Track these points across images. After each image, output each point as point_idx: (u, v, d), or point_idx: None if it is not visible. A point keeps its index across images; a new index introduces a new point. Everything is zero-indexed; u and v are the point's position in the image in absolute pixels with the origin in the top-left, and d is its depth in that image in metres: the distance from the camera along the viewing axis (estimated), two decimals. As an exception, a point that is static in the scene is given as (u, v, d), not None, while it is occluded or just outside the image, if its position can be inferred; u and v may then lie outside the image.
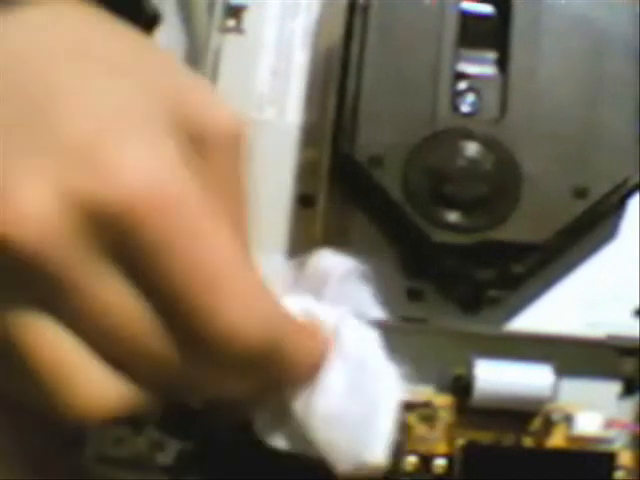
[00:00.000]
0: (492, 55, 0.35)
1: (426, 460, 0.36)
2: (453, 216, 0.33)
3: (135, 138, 0.27)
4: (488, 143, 0.33)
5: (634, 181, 0.34)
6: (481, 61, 0.35)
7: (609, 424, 0.36)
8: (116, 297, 0.27)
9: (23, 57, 0.28)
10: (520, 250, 0.34)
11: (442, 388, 0.36)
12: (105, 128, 0.27)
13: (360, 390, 0.31)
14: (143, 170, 0.26)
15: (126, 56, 0.29)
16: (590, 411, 0.36)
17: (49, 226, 0.26)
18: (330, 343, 0.31)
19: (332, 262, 0.33)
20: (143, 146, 0.27)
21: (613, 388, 0.37)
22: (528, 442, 0.36)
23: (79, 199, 0.26)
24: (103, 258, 0.27)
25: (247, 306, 0.28)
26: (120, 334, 0.27)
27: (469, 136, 0.33)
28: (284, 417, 0.32)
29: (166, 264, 0.27)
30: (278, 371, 0.29)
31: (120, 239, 0.27)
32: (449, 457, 0.36)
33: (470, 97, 0.35)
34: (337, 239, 0.36)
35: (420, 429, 0.36)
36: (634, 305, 0.36)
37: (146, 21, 0.31)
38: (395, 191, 0.33)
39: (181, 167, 0.27)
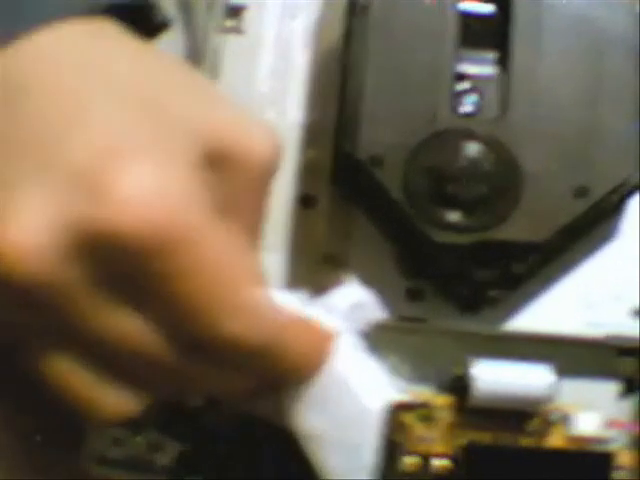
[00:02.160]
0: (493, 55, 0.35)
1: (425, 460, 0.36)
2: (453, 216, 0.33)
3: (142, 164, 0.26)
4: (489, 143, 0.33)
5: (634, 181, 0.34)
6: (482, 61, 0.35)
7: (608, 424, 0.36)
8: (120, 323, 0.27)
9: (28, 78, 0.27)
10: (520, 250, 0.34)
11: (441, 388, 0.36)
12: (109, 153, 0.26)
13: (339, 413, 0.31)
14: (148, 199, 0.26)
15: (153, 85, 0.28)
16: (589, 411, 0.36)
17: (47, 257, 0.26)
18: (331, 338, 0.31)
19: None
20: (150, 173, 0.26)
21: (612, 388, 0.37)
22: (527, 442, 0.36)
23: (78, 228, 0.26)
24: (105, 285, 0.27)
25: (250, 321, 0.28)
26: (126, 354, 0.28)
27: (470, 136, 0.33)
28: None
29: (171, 292, 0.27)
30: (278, 363, 0.29)
31: (123, 266, 0.26)
32: (448, 457, 0.36)
33: (471, 97, 0.35)
34: (338, 239, 0.36)
35: (419, 429, 0.36)
36: (634, 305, 0.36)
37: (155, 27, 0.31)
38: (396, 191, 0.33)
39: (190, 196, 0.27)
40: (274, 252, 0.36)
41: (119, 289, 0.27)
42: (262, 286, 0.29)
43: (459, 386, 0.36)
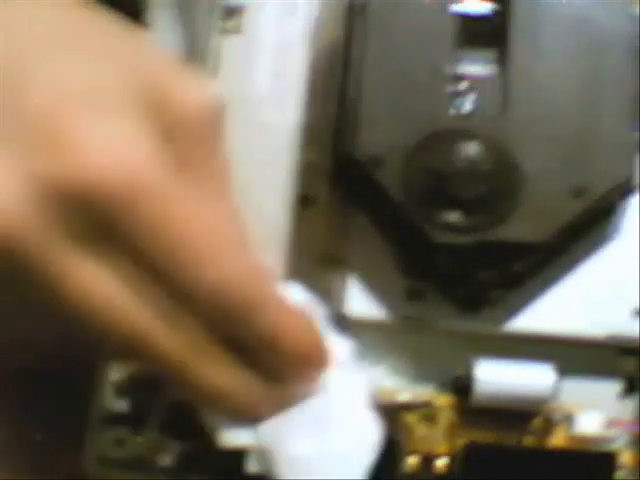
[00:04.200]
0: (492, 55, 0.35)
1: (427, 460, 0.36)
2: (453, 216, 0.33)
3: (100, 116, 0.26)
4: (488, 143, 0.33)
5: (633, 181, 0.34)
6: (481, 61, 0.35)
7: (610, 424, 0.36)
8: (93, 279, 0.27)
9: None
10: (520, 250, 0.34)
11: (443, 388, 0.36)
12: (71, 106, 0.26)
13: (331, 441, 0.31)
14: (108, 149, 0.26)
15: (97, 39, 0.28)
16: (591, 411, 0.36)
17: (19, 216, 0.25)
18: (330, 353, 0.31)
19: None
20: (108, 124, 0.26)
21: (614, 388, 0.37)
22: (529, 442, 0.36)
23: (48, 182, 0.26)
24: (81, 241, 0.27)
25: (231, 270, 0.28)
26: (102, 316, 0.27)
27: (469, 136, 0.33)
28: None
29: (146, 243, 0.27)
30: (258, 338, 0.29)
31: (95, 220, 0.26)
32: (450, 457, 0.36)
33: (470, 97, 0.35)
34: (337, 239, 0.36)
35: (421, 429, 0.36)
36: (634, 305, 0.36)
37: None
38: (395, 191, 0.33)
39: (147, 145, 0.27)
40: (273, 253, 0.36)
41: (91, 244, 0.27)
42: (241, 239, 0.29)
43: (460, 386, 0.36)
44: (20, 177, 0.26)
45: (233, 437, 0.31)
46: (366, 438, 0.32)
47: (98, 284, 0.27)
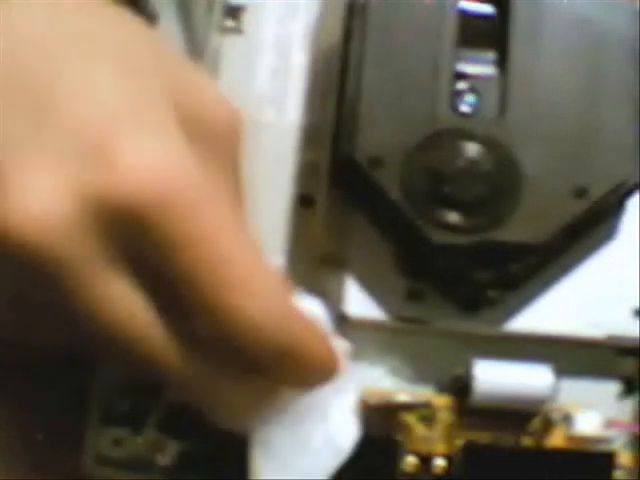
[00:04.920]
0: (492, 55, 0.35)
1: (426, 460, 0.36)
2: (453, 217, 0.33)
3: (146, 132, 0.27)
4: (488, 143, 0.33)
5: (634, 181, 0.34)
6: (481, 61, 0.35)
7: (609, 424, 0.36)
8: (125, 296, 0.27)
9: (26, 45, 0.27)
10: (519, 250, 0.34)
11: (441, 388, 0.36)
12: (115, 121, 0.26)
13: (306, 436, 0.32)
14: (155, 166, 0.26)
15: (131, 46, 0.29)
16: (590, 411, 0.36)
17: (62, 227, 0.26)
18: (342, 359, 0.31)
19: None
20: (154, 140, 0.27)
21: (612, 388, 0.37)
22: (527, 442, 0.36)
23: (91, 197, 0.26)
24: (117, 256, 0.27)
25: (265, 303, 0.28)
26: (126, 333, 0.28)
27: (469, 136, 0.33)
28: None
29: (182, 262, 0.27)
30: (293, 370, 0.29)
31: (134, 237, 0.26)
32: (449, 457, 0.36)
33: (470, 97, 0.35)
34: (337, 240, 0.36)
35: (420, 429, 0.36)
36: (634, 305, 0.36)
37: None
38: (395, 191, 0.33)
39: (193, 162, 0.27)
40: (272, 253, 0.36)
41: (123, 261, 0.27)
42: (260, 256, 0.29)
43: (459, 386, 0.36)
44: (66, 189, 0.26)
45: None
46: (340, 441, 0.32)
47: (124, 300, 0.27)
